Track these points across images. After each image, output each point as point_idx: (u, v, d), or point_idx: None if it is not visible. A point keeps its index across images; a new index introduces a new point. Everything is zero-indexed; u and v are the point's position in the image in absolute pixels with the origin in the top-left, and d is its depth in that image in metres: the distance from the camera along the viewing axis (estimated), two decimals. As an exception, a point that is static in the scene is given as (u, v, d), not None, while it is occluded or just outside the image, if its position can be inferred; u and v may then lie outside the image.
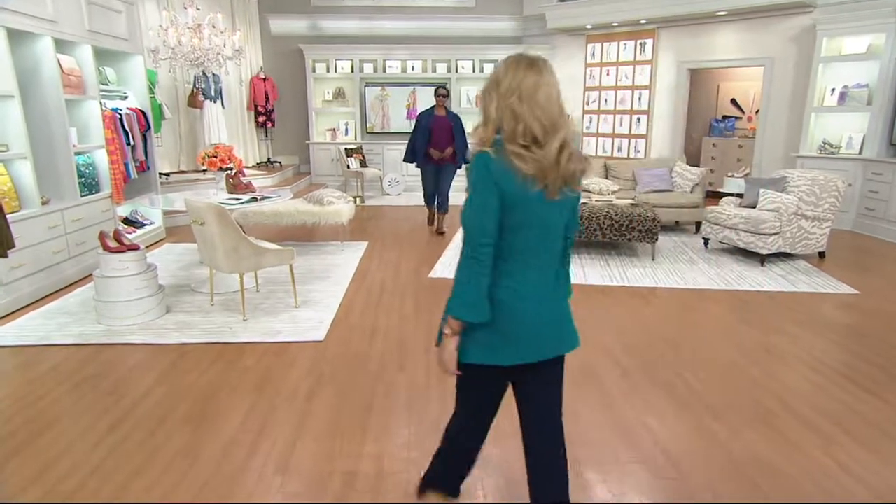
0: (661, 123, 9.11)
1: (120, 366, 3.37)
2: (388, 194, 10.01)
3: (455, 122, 6.39)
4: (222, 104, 8.78)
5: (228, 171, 4.94)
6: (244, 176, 5.13)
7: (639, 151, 9.25)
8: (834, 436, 2.68)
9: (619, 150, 9.45)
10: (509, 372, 1.66)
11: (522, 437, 1.78)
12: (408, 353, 3.53)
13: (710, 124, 9.93)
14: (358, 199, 9.12)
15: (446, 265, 5.46)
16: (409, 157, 6.61)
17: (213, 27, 4.30)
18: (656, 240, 5.47)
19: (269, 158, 10.48)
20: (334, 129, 10.53)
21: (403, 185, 10.10)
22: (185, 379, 3.21)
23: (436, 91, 6.38)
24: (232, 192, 5.08)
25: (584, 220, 5.56)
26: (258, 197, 4.88)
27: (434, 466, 1.95)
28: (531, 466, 1.75)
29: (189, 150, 8.58)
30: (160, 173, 7.74)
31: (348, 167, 9.36)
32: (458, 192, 5.73)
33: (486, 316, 1.54)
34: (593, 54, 9.52)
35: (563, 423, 1.77)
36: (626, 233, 5.51)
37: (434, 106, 6.41)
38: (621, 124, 9.38)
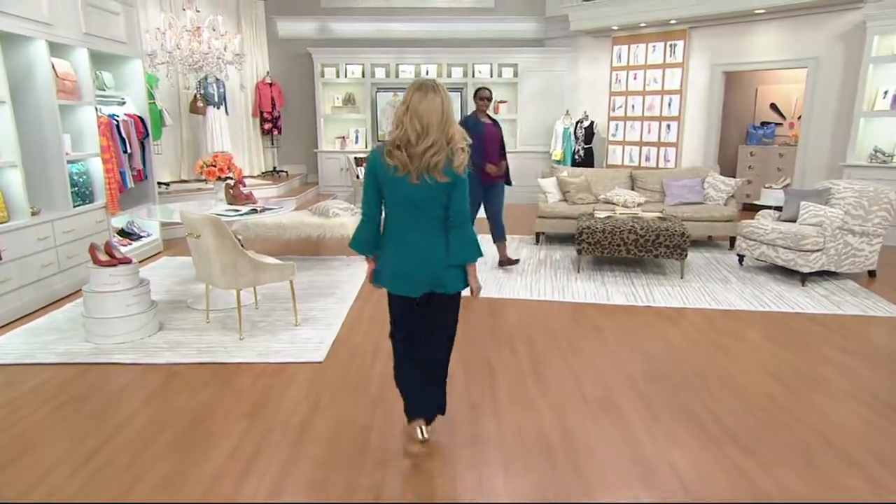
0: (693, 131, 9.02)
1: (107, 386, 3.38)
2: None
3: (501, 131, 5.64)
4: (226, 110, 8.90)
5: (228, 181, 4.98)
6: (244, 186, 5.17)
7: (668, 161, 9.17)
8: (881, 477, 2.57)
9: (647, 159, 9.38)
10: (401, 300, 2.65)
11: (406, 362, 2.77)
12: (412, 377, 3.49)
13: (748, 131, 9.80)
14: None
15: (458, 282, 5.43)
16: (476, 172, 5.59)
17: (214, 30, 4.36)
18: (685, 256, 5.39)
19: (274, 167, 10.60)
20: (344, 137, 10.62)
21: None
22: (174, 401, 3.21)
23: (476, 93, 5.53)
24: (232, 203, 5.12)
25: (607, 235, 5.50)
26: (258, 209, 4.91)
27: (404, 402, 2.83)
28: (414, 385, 2.76)
29: (191, 158, 8.70)
30: (159, 183, 7.86)
31: (357, 177, 9.40)
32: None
33: (368, 252, 2.62)
34: (619, 57, 9.50)
35: (448, 344, 2.77)
36: (653, 248, 5.43)
37: (475, 111, 5.54)
38: (649, 132, 9.32)
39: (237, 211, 4.78)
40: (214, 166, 4.66)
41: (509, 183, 5.78)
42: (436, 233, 2.48)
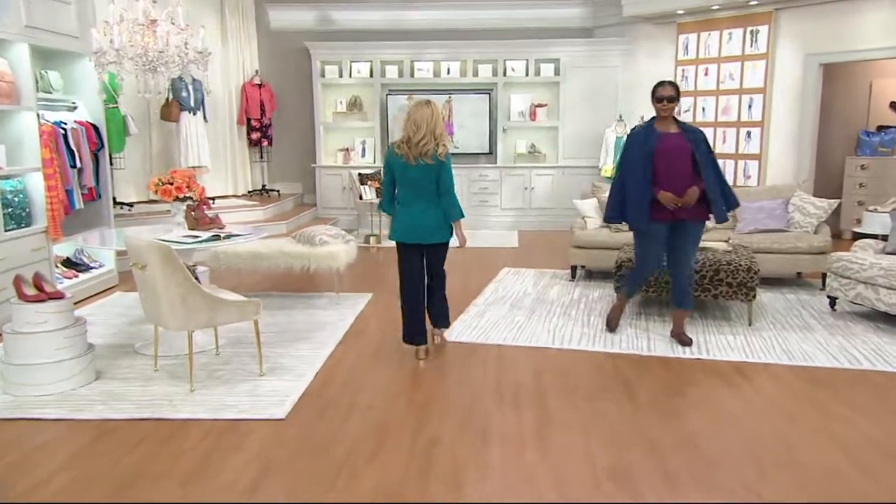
0: (782, 139, 8.99)
1: (22, 446, 3.53)
2: (414, 233, 10.22)
3: (698, 143, 4.85)
4: (204, 117, 9.27)
5: (189, 203, 5.19)
6: (209, 208, 5.37)
7: (749, 177, 9.13)
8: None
9: (723, 175, 9.36)
10: (407, 247, 4.63)
11: (411, 291, 4.76)
12: (387, 439, 3.56)
13: (858, 139, 9.70)
14: (372, 239, 9.34)
15: (468, 324, 5.51)
16: (612, 214, 5.10)
17: (173, 23, 4.61)
18: (753, 297, 5.35)
19: (263, 186, 10.91)
20: (347, 150, 10.91)
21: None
22: (98, 464, 3.34)
23: (653, 92, 4.92)
24: (193, 228, 5.32)
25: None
26: (222, 235, 5.09)
27: (404, 327, 4.81)
28: (431, 296, 4.84)
29: (162, 173, 9.05)
30: (121, 203, 8.23)
31: (361, 197, 9.63)
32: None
33: (390, 212, 4.76)
34: (686, 48, 9.58)
35: (443, 276, 4.89)
36: (711, 287, 5.40)
37: (654, 118, 4.97)
38: (724, 141, 9.31)
39: (196, 238, 4.97)
40: (171, 184, 4.87)
41: (722, 219, 4.93)
42: (429, 202, 4.60)
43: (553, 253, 8.42)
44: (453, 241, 4.75)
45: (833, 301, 5.82)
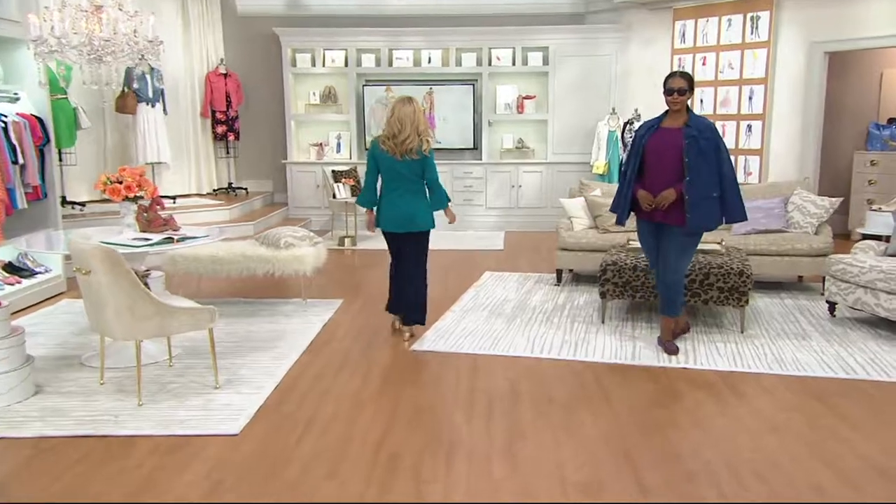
0: (784, 133, 9.07)
1: (-50, 465, 3.54)
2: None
3: (696, 140, 4.77)
4: (164, 109, 9.28)
5: (140, 203, 5.20)
6: (163, 208, 5.39)
7: (750, 174, 9.20)
8: None
9: (722, 171, 9.43)
10: (392, 235, 5.32)
11: (397, 276, 5.48)
12: (346, 455, 3.60)
13: (868, 132, 9.80)
14: (347, 241, 9.37)
15: (442, 333, 5.54)
16: (613, 209, 5.29)
17: (121, 9, 4.63)
18: (745, 303, 5.40)
19: (230, 184, 10.91)
20: (321, 144, 10.93)
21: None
22: (32, 486, 3.34)
23: (665, 84, 4.88)
24: (146, 230, 5.33)
25: (640, 274, 5.58)
26: (175, 237, 5.11)
27: (389, 300, 5.60)
28: (397, 293, 5.49)
29: (117, 169, 9.06)
30: (71, 202, 8.22)
31: (334, 196, 9.64)
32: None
33: (369, 206, 5.34)
34: (683, 36, 9.65)
35: (421, 270, 5.37)
36: (701, 292, 5.46)
37: (666, 112, 4.97)
38: (724, 134, 9.35)
39: (147, 240, 4.98)
40: (120, 183, 4.88)
41: (694, 228, 4.86)
42: (412, 193, 5.20)
43: (540, 255, 8.48)
44: (442, 224, 5.63)
45: (832, 306, 5.88)
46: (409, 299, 5.38)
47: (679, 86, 4.81)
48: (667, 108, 4.94)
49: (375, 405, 4.24)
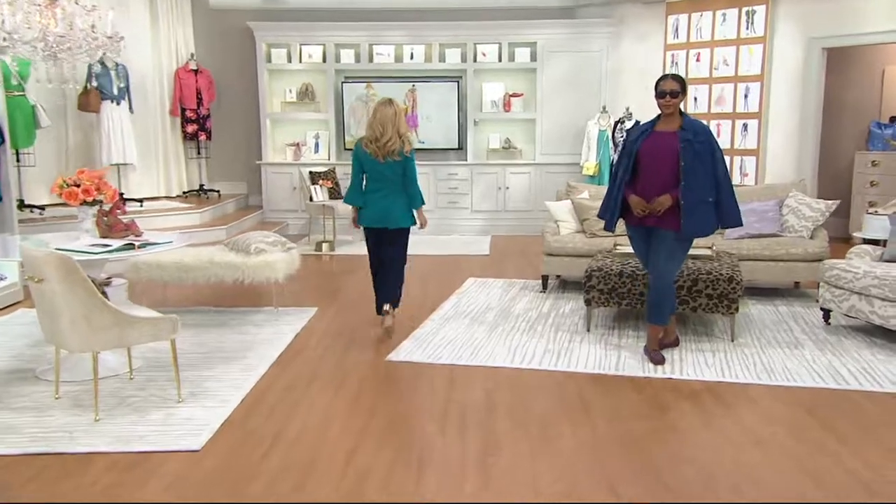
0: (781, 132, 9.18)
1: None
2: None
3: (691, 144, 4.86)
4: (130, 107, 9.28)
5: (100, 207, 5.22)
6: (123, 212, 5.40)
7: (747, 175, 9.28)
8: None
9: (717, 172, 9.51)
10: (373, 231, 5.82)
11: (380, 270, 5.91)
12: (313, 471, 3.63)
13: (869, 131, 9.90)
14: (325, 246, 9.40)
15: (420, 342, 5.58)
16: (601, 214, 5.34)
17: (77, 3, 4.65)
18: (735, 310, 5.46)
19: (201, 186, 10.91)
20: (298, 144, 10.96)
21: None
22: (-20, 504, 3.37)
23: (657, 87, 5.01)
24: (106, 236, 5.35)
25: (626, 280, 5.64)
26: (137, 243, 5.13)
27: (377, 301, 5.92)
28: (380, 283, 5.90)
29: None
30: (30, 206, 8.22)
31: (311, 199, 9.66)
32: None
33: (357, 204, 5.83)
34: (676, 31, 9.75)
35: (400, 262, 5.93)
36: (689, 299, 5.51)
37: (658, 116, 5.10)
38: (719, 134, 9.45)
39: (106, 246, 5.00)
40: (77, 186, 4.90)
41: (689, 234, 4.97)
42: (394, 192, 5.71)
43: (527, 260, 8.53)
44: (425, 229, 6.14)
45: (827, 314, 5.94)
46: (390, 285, 5.93)
47: (671, 88, 4.91)
48: (658, 111, 5.04)
49: (346, 418, 4.28)
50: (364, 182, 5.80)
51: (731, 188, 5.02)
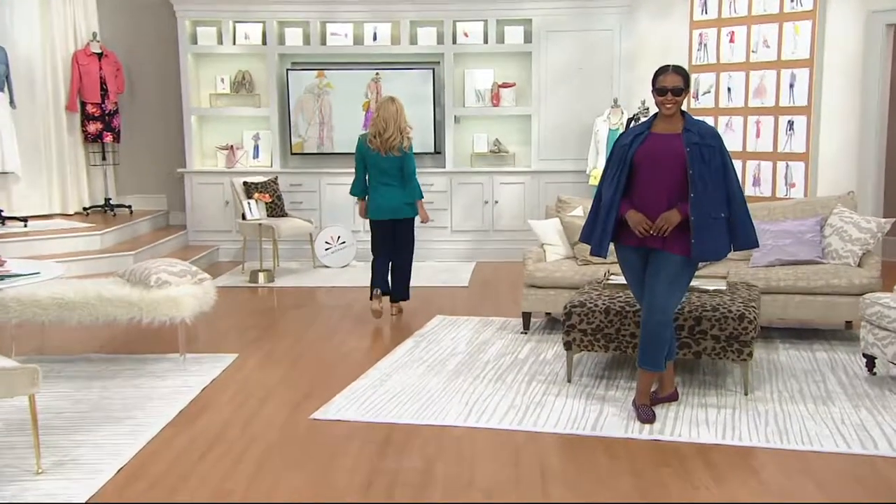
0: (837, 130, 9.25)
1: None
2: (326, 266, 10.42)
3: (699, 148, 5.00)
4: (11, 100, 9.38)
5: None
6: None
7: (794, 185, 9.32)
8: None
9: (756, 183, 9.61)
10: (380, 223, 7.95)
11: (392, 258, 8.01)
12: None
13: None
14: (262, 276, 9.51)
15: (356, 396, 5.70)
16: (586, 237, 5.46)
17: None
18: (749, 356, 5.52)
19: (108, 200, 10.95)
20: (232, 147, 11.05)
21: (354, 252, 10.48)
22: None
23: (653, 81, 5.15)
24: (-38, 263, 5.50)
25: (613, 318, 5.73)
26: (-2, 273, 5.27)
27: (371, 280, 7.96)
28: (393, 272, 8.04)
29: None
30: None
31: (244, 217, 9.75)
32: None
33: (362, 195, 8.04)
34: (704, 6, 9.88)
35: (409, 253, 8.15)
36: (692, 342, 5.60)
37: (655, 115, 5.32)
38: (758, 135, 9.58)
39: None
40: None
41: (701, 257, 5.16)
42: (398, 186, 7.71)
43: (513, 293, 8.51)
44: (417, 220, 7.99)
45: (871, 361, 5.97)
46: (398, 279, 7.92)
47: (674, 84, 5.01)
48: (656, 110, 5.18)
49: (243, 491, 4.31)
50: (367, 177, 7.77)
51: (745, 202, 5.15)
